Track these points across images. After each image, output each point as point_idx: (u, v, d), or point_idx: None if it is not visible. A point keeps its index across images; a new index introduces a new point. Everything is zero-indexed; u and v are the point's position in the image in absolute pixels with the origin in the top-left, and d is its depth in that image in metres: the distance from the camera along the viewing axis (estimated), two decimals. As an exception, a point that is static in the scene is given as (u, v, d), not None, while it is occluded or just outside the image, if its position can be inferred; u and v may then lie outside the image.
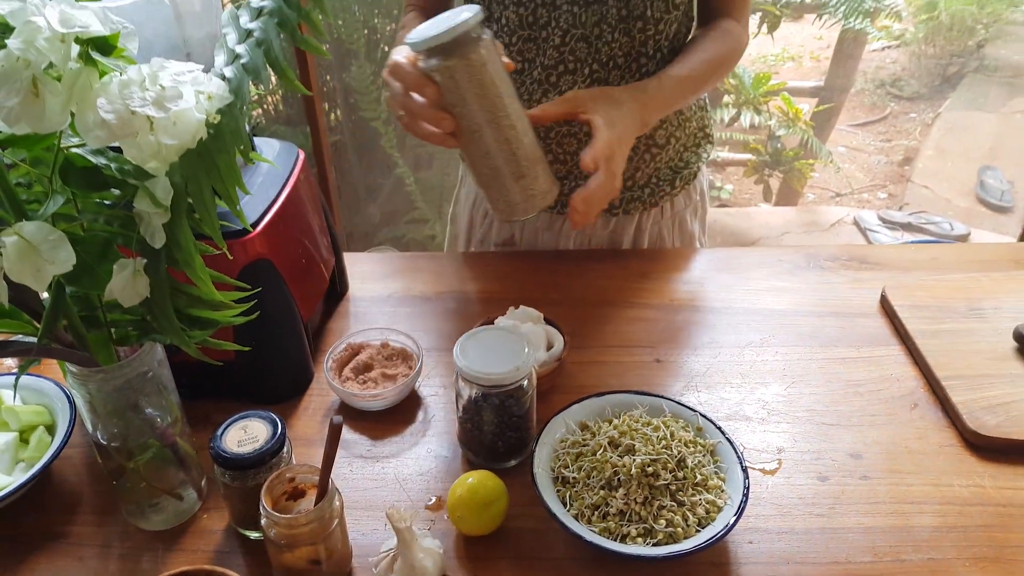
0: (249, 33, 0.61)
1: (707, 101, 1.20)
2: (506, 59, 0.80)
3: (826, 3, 2.46)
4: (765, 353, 0.95)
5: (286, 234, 0.90)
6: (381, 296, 1.09)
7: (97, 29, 0.53)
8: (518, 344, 0.78)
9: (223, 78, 0.62)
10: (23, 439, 0.81)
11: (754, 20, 2.76)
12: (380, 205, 3.22)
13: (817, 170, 3.82)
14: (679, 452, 0.73)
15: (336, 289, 1.09)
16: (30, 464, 0.79)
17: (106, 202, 0.64)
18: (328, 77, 2.82)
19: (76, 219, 0.64)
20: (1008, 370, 0.86)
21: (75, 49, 0.54)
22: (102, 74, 0.56)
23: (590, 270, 1.12)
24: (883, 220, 3.21)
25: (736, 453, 0.75)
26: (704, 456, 0.75)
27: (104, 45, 0.55)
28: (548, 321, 0.95)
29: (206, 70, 0.62)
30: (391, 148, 2.84)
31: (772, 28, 2.67)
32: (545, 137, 1.09)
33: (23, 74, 0.52)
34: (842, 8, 2.41)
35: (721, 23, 1.05)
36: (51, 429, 0.83)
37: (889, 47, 5.37)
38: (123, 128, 0.53)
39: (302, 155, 0.98)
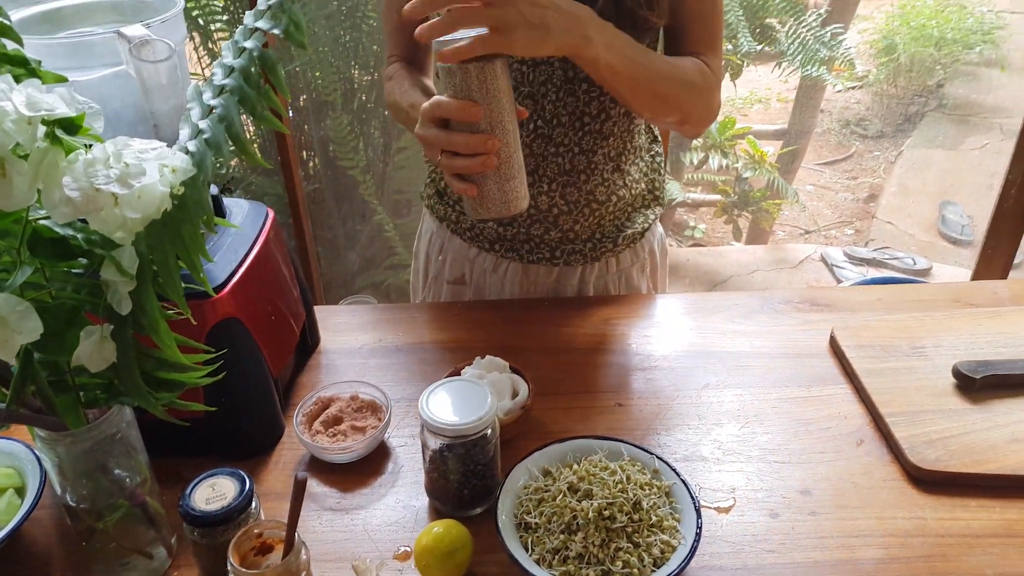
0: (211, 109, 0.65)
1: (661, 164, 1.24)
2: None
3: (784, 52, 2.56)
4: (721, 395, 0.98)
5: (255, 292, 0.93)
6: (352, 348, 1.12)
7: (63, 111, 0.57)
8: (481, 395, 0.81)
9: (187, 152, 0.65)
10: (-7, 502, 0.83)
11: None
12: (359, 252, 3.25)
13: (786, 208, 3.91)
14: (635, 495, 0.76)
15: (307, 343, 1.11)
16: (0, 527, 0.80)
17: (74, 271, 0.67)
18: (306, 127, 2.87)
19: (44, 287, 0.67)
20: (947, 405, 0.90)
21: (41, 129, 0.58)
22: (68, 151, 0.59)
23: (556, 317, 1.15)
24: (849, 256, 3.28)
25: (690, 494, 0.78)
26: (660, 498, 0.78)
27: (70, 125, 0.59)
28: (513, 369, 0.98)
29: (170, 144, 0.65)
30: (369, 196, 2.88)
31: (735, 76, 2.76)
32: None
33: (-9, 157, 0.55)
34: (799, 57, 2.51)
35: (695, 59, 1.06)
36: (21, 491, 0.84)
37: (853, 88, 5.53)
38: (88, 205, 0.56)
39: (271, 214, 1.02)
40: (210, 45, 2.77)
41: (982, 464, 0.82)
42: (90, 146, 0.59)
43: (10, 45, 0.61)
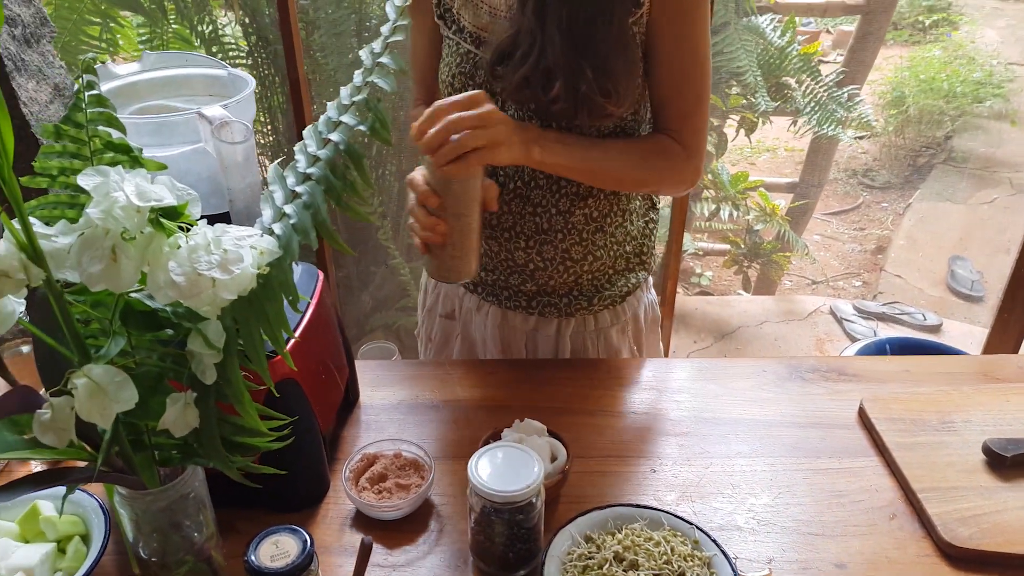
0: (296, 194, 0.70)
1: (653, 231, 1.27)
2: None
3: (800, 110, 2.62)
4: (753, 463, 1.02)
5: (309, 352, 0.97)
6: (391, 404, 1.16)
7: (169, 201, 0.61)
8: (529, 462, 0.84)
9: (271, 233, 0.70)
10: (60, 549, 0.86)
11: (732, 124, 2.91)
12: (372, 292, 3.30)
13: (793, 258, 3.95)
14: (680, 567, 0.79)
15: (349, 398, 1.15)
16: (68, 574, 0.83)
17: (160, 340, 0.71)
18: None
19: (131, 354, 0.71)
20: (978, 482, 0.93)
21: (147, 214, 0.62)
22: (169, 235, 0.63)
23: (585, 378, 1.19)
24: (858, 310, 3.32)
25: (730, 565, 0.81)
26: (702, 568, 0.81)
27: (172, 211, 0.63)
28: (551, 432, 1.01)
29: (245, 219, 0.70)
30: (386, 240, 2.94)
31: (749, 132, 2.82)
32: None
33: (103, 242, 0.59)
34: (815, 116, 2.57)
35: (662, 137, 1.11)
36: (86, 539, 0.87)
37: (861, 138, 5.62)
38: (191, 288, 0.60)
39: (321, 276, 1.06)
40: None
41: (1015, 544, 0.85)
42: (188, 228, 0.64)
43: (115, 134, 0.66)
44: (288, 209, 0.69)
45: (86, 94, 0.65)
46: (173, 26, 2.90)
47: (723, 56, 2.41)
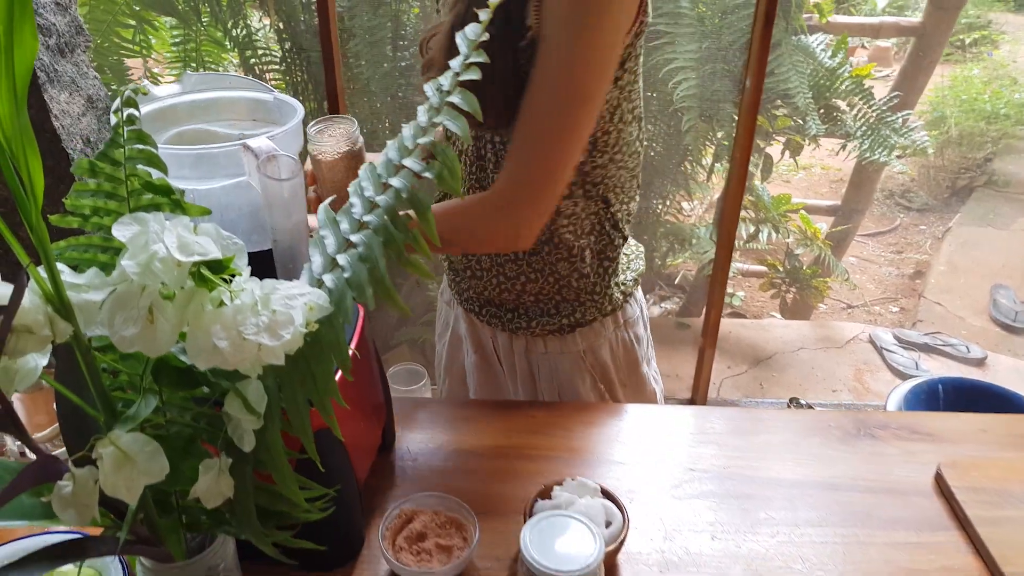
0: (350, 243, 0.63)
1: (608, 272, 1.20)
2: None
3: (850, 135, 2.53)
4: (824, 533, 0.94)
5: (348, 398, 0.90)
6: (428, 449, 1.09)
7: (214, 254, 0.55)
8: (587, 537, 0.77)
9: (320, 284, 0.63)
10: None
11: (777, 148, 2.82)
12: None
13: (831, 284, 3.85)
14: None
15: (384, 442, 1.08)
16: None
17: (194, 397, 0.65)
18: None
19: (162, 411, 0.65)
20: (1077, 570, 0.85)
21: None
22: (210, 288, 0.57)
23: (632, 425, 1.12)
24: (899, 340, 3.22)
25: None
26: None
27: (216, 265, 0.57)
28: (605, 493, 0.94)
29: (289, 262, 0.63)
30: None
31: (794, 154, 2.73)
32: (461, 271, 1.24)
33: (139, 301, 0.53)
34: (867, 141, 2.47)
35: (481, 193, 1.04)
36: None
37: (899, 157, 5.49)
38: (235, 355, 0.54)
39: (362, 312, 0.99)
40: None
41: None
42: (230, 280, 0.57)
43: (155, 174, 0.60)
44: (341, 259, 0.62)
45: (125, 129, 0.59)
46: (206, 29, 2.86)
47: (773, 77, 2.33)
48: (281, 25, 2.90)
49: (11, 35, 0.46)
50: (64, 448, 0.69)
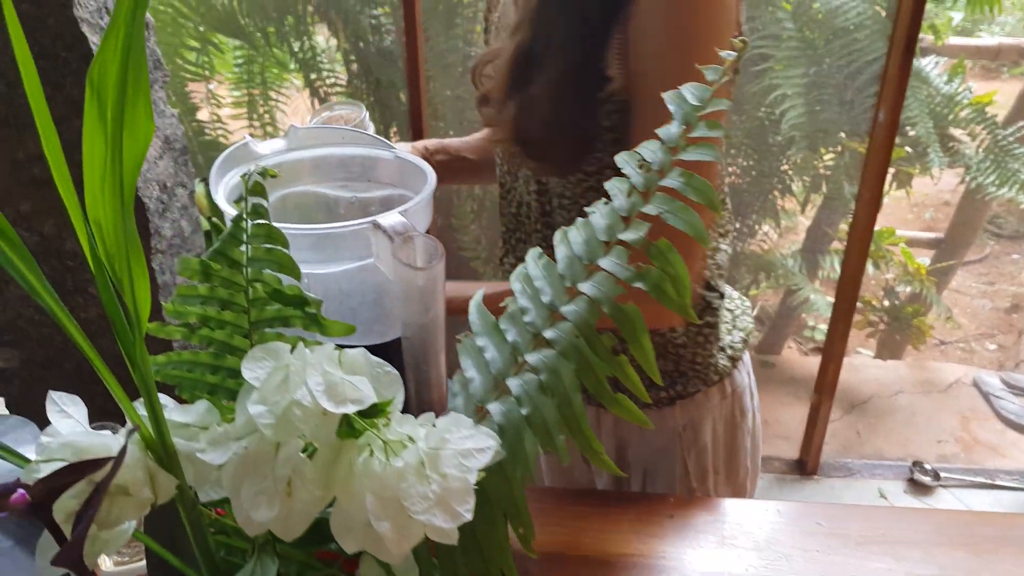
0: (526, 365, 0.48)
1: (708, 338, 1.03)
2: None
3: (970, 167, 2.32)
4: None
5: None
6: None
7: (370, 398, 0.41)
8: None
9: (481, 416, 0.49)
10: None
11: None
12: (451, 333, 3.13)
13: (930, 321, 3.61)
14: None
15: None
16: None
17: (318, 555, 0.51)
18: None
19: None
20: None
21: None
22: (358, 435, 0.43)
23: (735, 527, 0.95)
24: (1008, 385, 2.97)
25: None
26: None
27: (371, 408, 0.43)
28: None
29: (421, 361, 0.49)
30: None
31: (901, 186, 2.54)
32: (516, 213, 1.04)
33: (276, 467, 0.39)
34: (992, 175, 2.27)
35: None
36: None
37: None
38: (400, 540, 0.39)
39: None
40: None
41: None
42: (384, 418, 0.43)
43: (286, 280, 0.46)
44: (514, 386, 0.48)
45: (250, 223, 0.45)
46: (271, 49, 2.78)
47: (889, 105, 2.14)
48: (348, 46, 2.81)
49: (121, 119, 0.33)
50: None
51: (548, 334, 0.48)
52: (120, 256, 0.36)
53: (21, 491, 0.37)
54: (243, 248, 0.45)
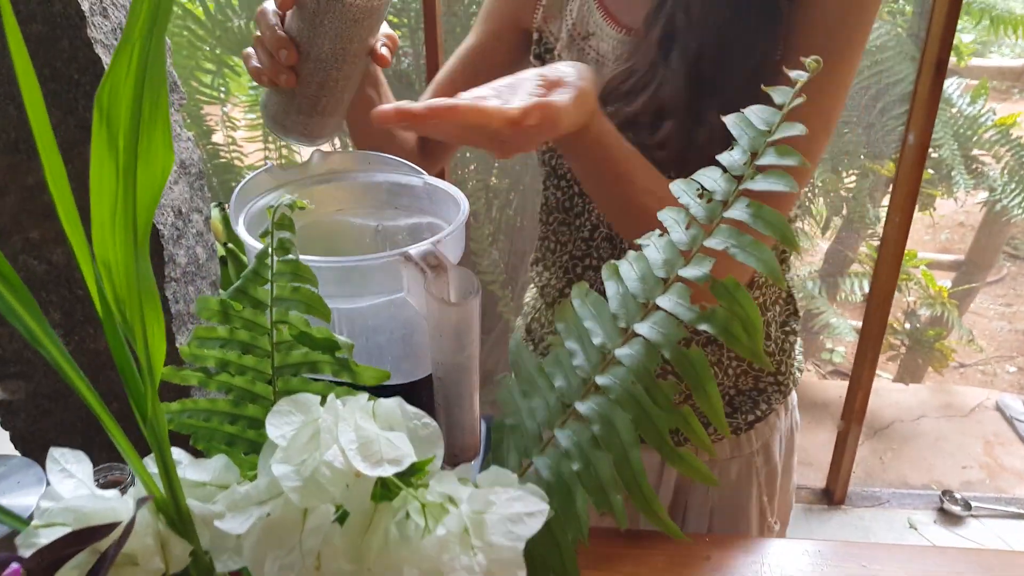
0: (575, 413, 0.44)
1: (791, 345, 0.99)
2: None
3: (994, 189, 2.27)
4: None
5: None
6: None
7: (409, 458, 0.37)
8: None
9: (523, 469, 0.44)
10: None
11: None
12: (482, 359, 3.08)
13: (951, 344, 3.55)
14: None
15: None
16: None
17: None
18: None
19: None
20: None
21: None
22: (393, 496, 0.39)
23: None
24: (1034, 410, 2.91)
25: None
26: None
27: (409, 468, 0.38)
28: None
29: (453, 409, 0.44)
30: (506, 310, 2.71)
31: (923, 209, 2.49)
32: (589, 239, 0.95)
33: (303, 539, 0.35)
34: (1018, 198, 2.21)
35: None
36: None
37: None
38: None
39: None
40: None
41: None
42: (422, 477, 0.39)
43: (314, 322, 0.42)
44: (563, 439, 0.44)
45: (274, 260, 0.41)
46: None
47: (912, 126, 2.10)
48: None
49: (135, 148, 0.29)
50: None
51: (601, 380, 0.44)
52: (132, 301, 0.32)
53: (15, 565, 0.33)
54: (267, 287, 0.41)
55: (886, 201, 2.72)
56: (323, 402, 0.37)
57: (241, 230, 0.55)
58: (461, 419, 0.59)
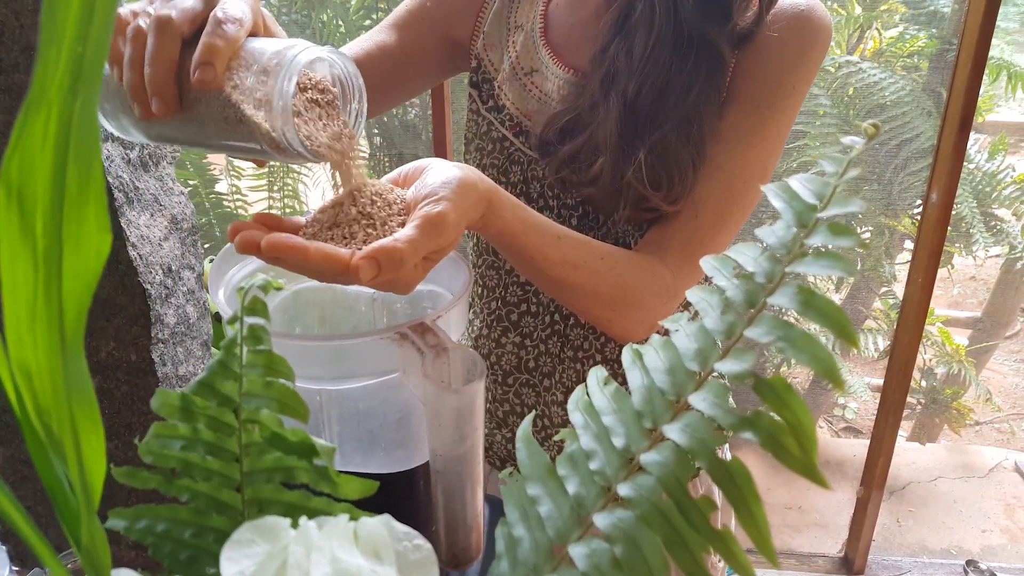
0: (592, 527, 0.38)
1: None
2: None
3: (1014, 246, 2.21)
4: None
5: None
6: None
7: (396, 597, 0.30)
8: None
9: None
10: None
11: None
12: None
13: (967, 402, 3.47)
14: None
15: None
16: None
17: None
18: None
19: None
20: None
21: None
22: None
23: None
24: (1055, 473, 2.81)
25: None
26: None
27: (395, 606, 0.32)
28: None
29: (456, 503, 0.38)
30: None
31: (943, 263, 2.43)
32: (503, 383, 0.94)
33: None
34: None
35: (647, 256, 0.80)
36: None
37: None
38: None
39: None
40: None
41: None
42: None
43: (289, 423, 0.36)
44: (578, 556, 0.37)
45: (244, 350, 0.35)
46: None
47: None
48: (371, 119, 2.78)
49: (58, 232, 0.23)
50: None
51: (623, 490, 0.37)
52: (60, 412, 0.26)
53: None
54: (237, 383, 0.35)
55: (900, 257, 2.67)
56: (295, 524, 0.31)
57: (220, 303, 0.49)
58: (464, 516, 0.52)
